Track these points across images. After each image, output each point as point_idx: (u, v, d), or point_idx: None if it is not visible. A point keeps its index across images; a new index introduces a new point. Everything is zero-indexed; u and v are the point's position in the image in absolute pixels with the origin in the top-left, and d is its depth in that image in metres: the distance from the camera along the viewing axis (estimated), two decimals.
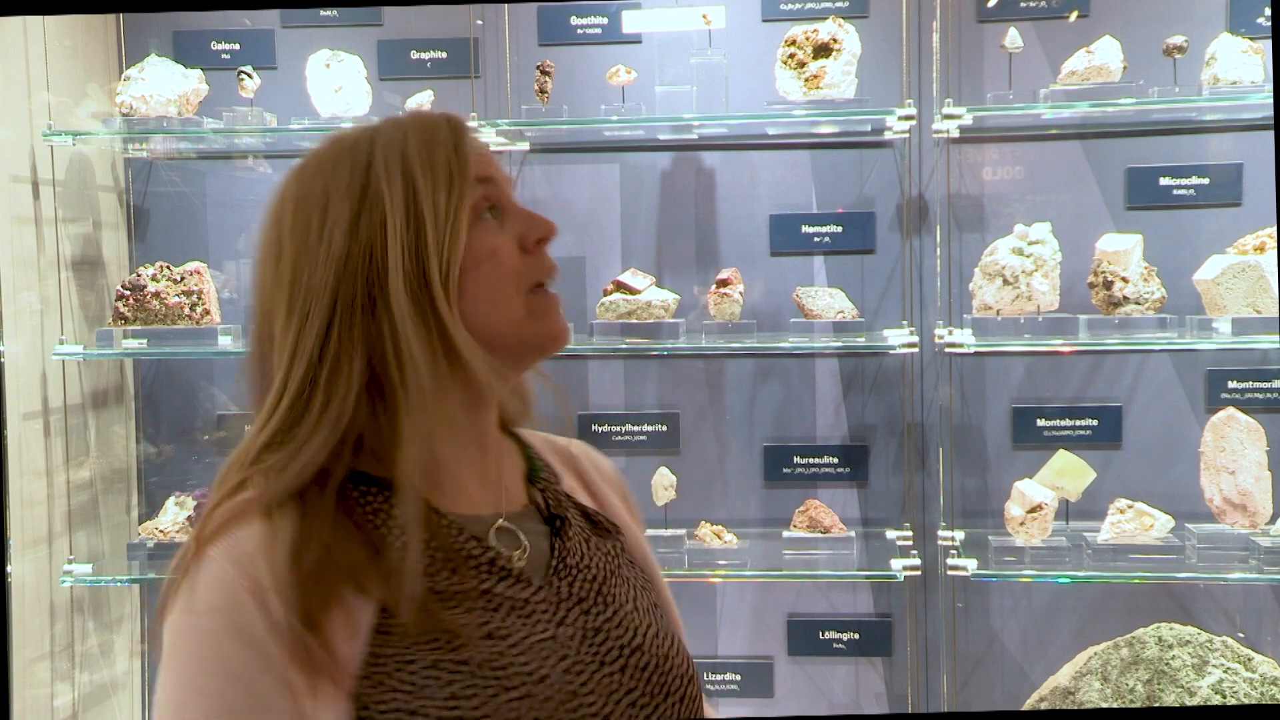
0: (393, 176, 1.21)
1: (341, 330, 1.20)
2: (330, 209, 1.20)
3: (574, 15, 3.52)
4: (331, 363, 1.20)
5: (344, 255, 1.19)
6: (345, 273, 1.19)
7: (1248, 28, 3.30)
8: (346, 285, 1.19)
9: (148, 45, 3.53)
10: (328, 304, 1.19)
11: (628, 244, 3.59)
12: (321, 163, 1.24)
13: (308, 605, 1.13)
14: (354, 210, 1.20)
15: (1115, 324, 3.23)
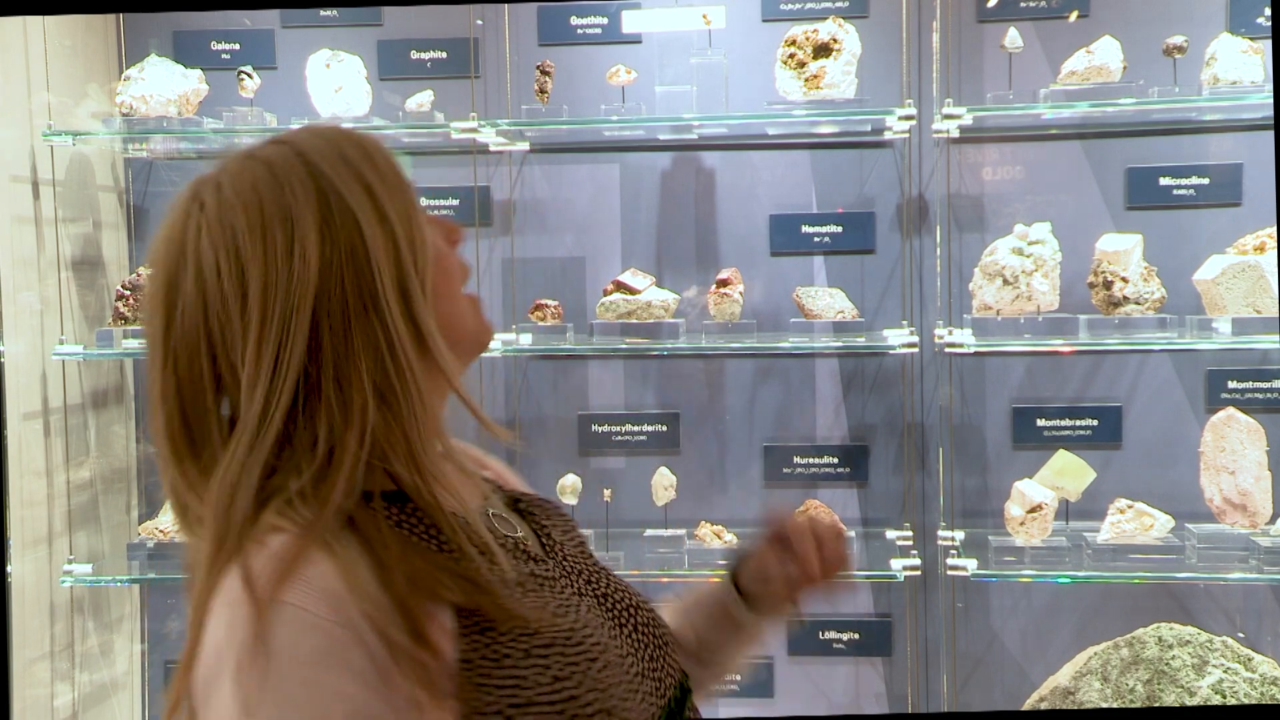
0: (350, 183, 1.19)
1: (335, 342, 1.16)
2: (296, 223, 1.16)
3: (574, 15, 3.52)
4: (334, 376, 1.16)
5: (322, 265, 1.15)
6: (327, 284, 1.15)
7: (1248, 28, 3.30)
8: (332, 296, 1.16)
9: (148, 45, 3.53)
10: (308, 319, 1.15)
11: (628, 244, 3.59)
12: (254, 183, 1.18)
13: (413, 623, 1.10)
14: (320, 220, 1.16)
15: (1115, 324, 3.24)
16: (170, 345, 1.18)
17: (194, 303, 1.16)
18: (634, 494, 3.52)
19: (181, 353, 1.18)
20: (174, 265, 1.17)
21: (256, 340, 1.14)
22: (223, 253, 1.15)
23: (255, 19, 3.59)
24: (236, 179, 1.19)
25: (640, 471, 3.49)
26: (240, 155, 1.22)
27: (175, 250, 1.18)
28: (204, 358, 1.17)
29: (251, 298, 1.15)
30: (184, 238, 1.18)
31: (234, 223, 1.16)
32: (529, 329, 3.43)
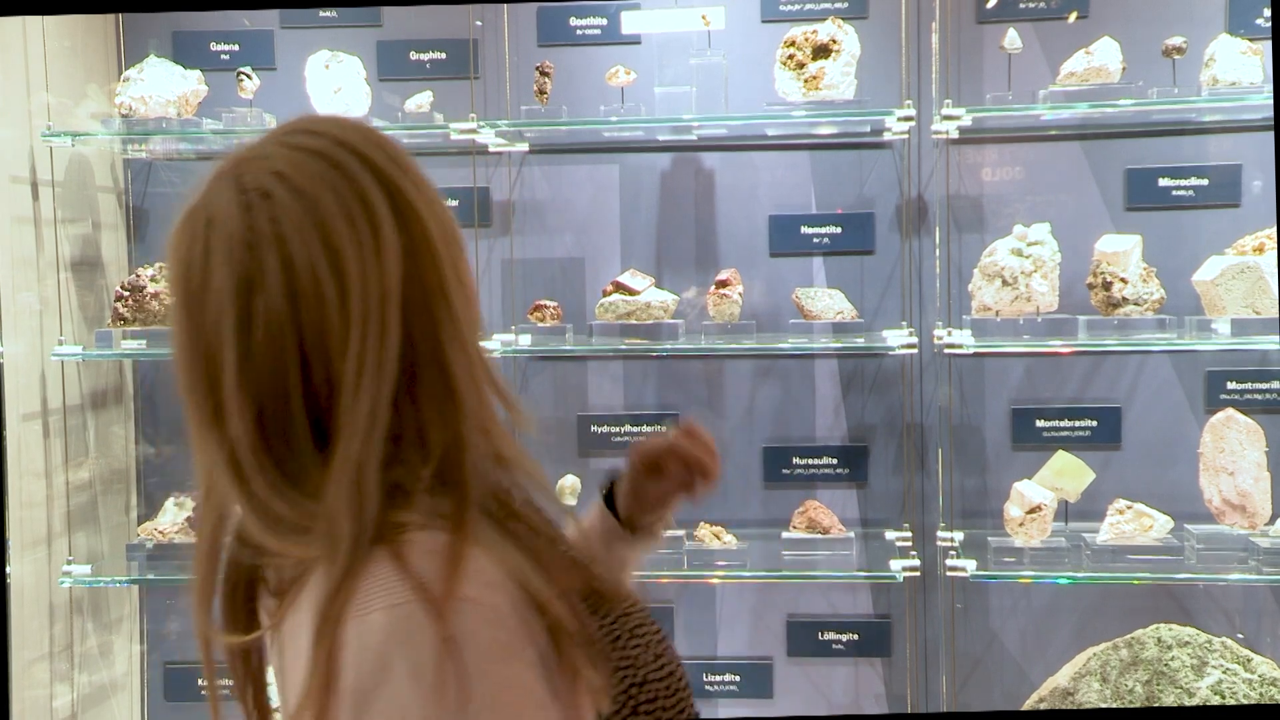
0: (397, 173, 1.17)
1: (425, 331, 1.14)
2: (373, 212, 1.13)
3: (573, 16, 3.52)
4: (435, 364, 1.14)
5: (401, 255, 1.13)
6: (408, 273, 1.13)
7: (1247, 29, 3.30)
8: (412, 285, 1.14)
9: (147, 46, 3.53)
10: (399, 309, 1.12)
11: (627, 245, 3.59)
12: (321, 174, 1.14)
13: (571, 603, 1.12)
14: (389, 209, 1.14)
15: (1114, 325, 3.24)
16: (248, 347, 1.11)
17: (280, 300, 1.11)
18: None
19: (264, 354, 1.11)
20: (247, 262, 1.11)
21: (360, 335, 1.10)
22: (315, 246, 1.11)
23: (254, 20, 3.59)
24: (298, 170, 1.14)
25: None
26: (277, 144, 1.16)
27: (244, 246, 1.12)
28: (293, 357, 1.11)
29: (352, 291, 1.11)
30: (255, 232, 1.12)
31: (319, 215, 1.12)
32: (528, 330, 3.43)
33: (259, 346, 1.11)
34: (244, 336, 1.11)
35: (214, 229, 1.13)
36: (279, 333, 1.11)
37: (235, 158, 1.17)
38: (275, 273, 1.11)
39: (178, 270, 1.15)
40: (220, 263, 1.12)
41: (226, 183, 1.15)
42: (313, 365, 1.12)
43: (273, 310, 1.11)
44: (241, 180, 1.14)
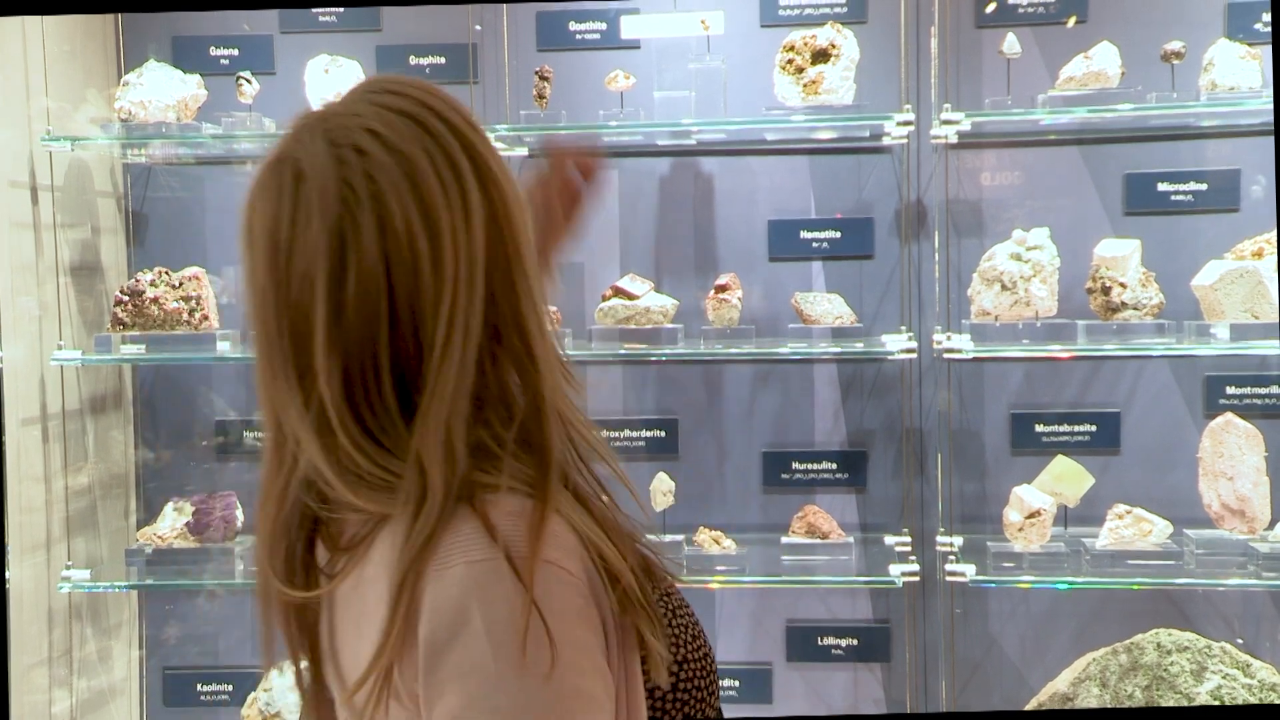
0: (479, 137, 1.19)
1: (506, 294, 1.16)
2: (460, 174, 1.15)
3: (573, 20, 3.53)
4: (515, 326, 1.16)
5: (485, 218, 1.15)
6: (490, 236, 1.15)
7: (1245, 33, 3.30)
8: (494, 248, 1.16)
9: (147, 50, 3.53)
10: (483, 271, 1.14)
11: (626, 249, 3.59)
12: (414, 135, 1.15)
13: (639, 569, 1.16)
14: (473, 171, 1.16)
15: (1113, 329, 3.24)
16: (340, 303, 1.12)
17: (374, 258, 1.12)
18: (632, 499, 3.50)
19: (356, 311, 1.12)
20: (343, 217, 1.12)
21: (451, 296, 1.12)
22: (411, 206, 1.12)
23: (254, 25, 3.59)
24: (391, 129, 1.15)
25: (639, 477, 3.49)
26: (365, 102, 1.18)
27: (339, 201, 1.12)
28: (383, 315, 1.12)
29: (445, 250, 1.12)
30: (350, 188, 1.13)
31: (415, 175, 1.13)
32: None
33: (351, 303, 1.12)
34: (336, 292, 1.12)
35: (305, 182, 1.14)
36: (372, 290, 1.12)
37: (320, 113, 1.19)
38: (371, 230, 1.12)
39: (265, 222, 1.15)
40: (316, 214, 1.12)
41: (315, 136, 1.16)
42: (401, 323, 1.13)
43: (366, 267, 1.11)
44: (333, 135, 1.15)
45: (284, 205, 1.14)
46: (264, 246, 1.15)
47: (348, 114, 1.16)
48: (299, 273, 1.13)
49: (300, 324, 1.13)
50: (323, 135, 1.15)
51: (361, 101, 1.18)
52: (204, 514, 3.41)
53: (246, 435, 3.61)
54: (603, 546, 1.14)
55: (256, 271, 1.16)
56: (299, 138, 1.17)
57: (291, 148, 1.16)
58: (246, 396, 3.64)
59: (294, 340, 1.13)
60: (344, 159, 1.13)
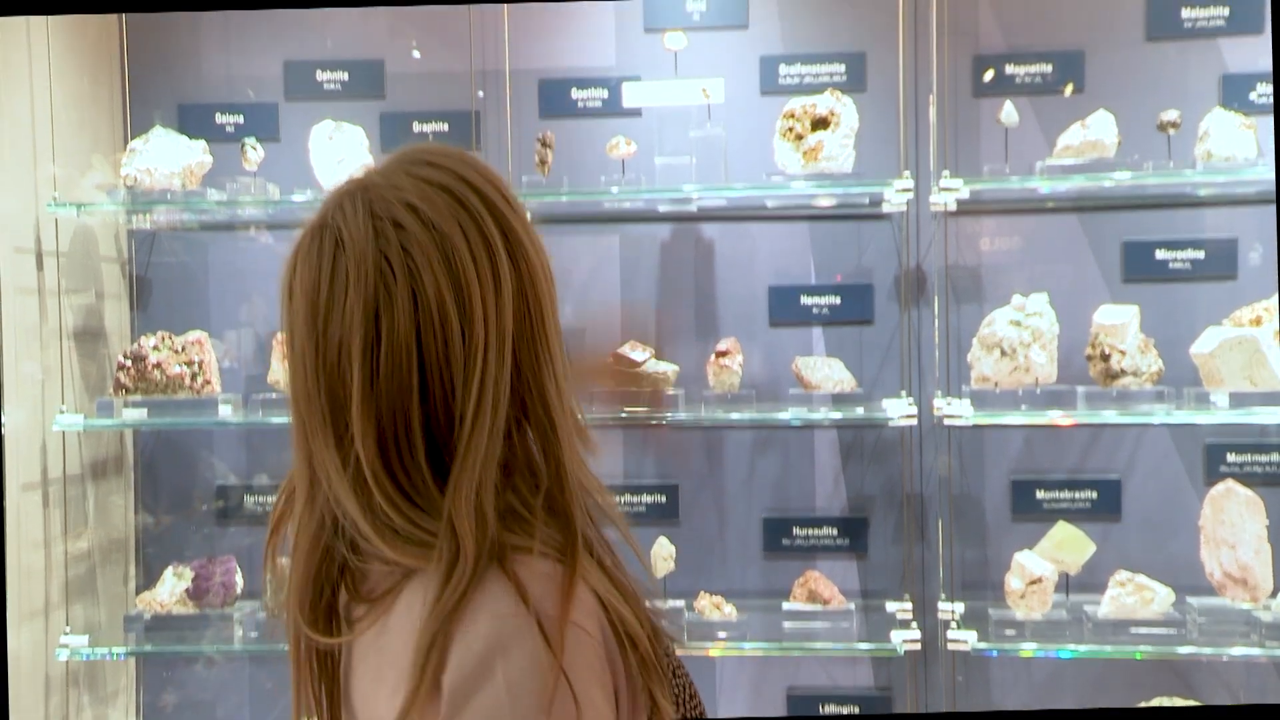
0: (513, 213, 1.24)
1: (531, 367, 1.21)
2: (494, 250, 1.20)
3: (575, 88, 3.56)
4: (539, 398, 1.22)
5: (514, 292, 1.21)
6: (518, 310, 1.21)
7: (1241, 103, 3.33)
8: (522, 322, 1.21)
9: (153, 117, 3.57)
10: (511, 345, 1.20)
11: (627, 314, 3.60)
12: (449, 209, 1.21)
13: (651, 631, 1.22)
14: (505, 247, 1.21)
15: (1113, 396, 3.25)
16: (375, 369, 1.18)
17: (407, 327, 1.17)
18: (632, 565, 3.50)
19: (389, 376, 1.18)
20: (379, 287, 1.18)
21: (481, 368, 1.18)
22: (444, 279, 1.18)
23: (259, 92, 3.63)
24: (428, 203, 1.20)
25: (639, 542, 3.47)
26: (405, 175, 1.23)
27: (376, 271, 1.18)
28: (415, 382, 1.18)
29: (477, 324, 1.18)
30: (388, 260, 1.18)
31: (449, 250, 1.19)
32: None
33: (384, 371, 1.18)
34: (371, 358, 1.18)
35: (345, 251, 1.20)
36: (404, 360, 1.18)
37: (363, 182, 1.24)
38: (405, 302, 1.18)
39: (305, 286, 1.22)
40: (353, 283, 1.18)
41: (357, 207, 1.21)
42: (433, 392, 1.19)
43: (399, 338, 1.18)
44: (374, 207, 1.21)
45: (324, 271, 1.20)
46: (303, 309, 1.21)
47: (388, 185, 1.23)
48: (336, 338, 1.19)
49: (337, 387, 1.19)
50: (364, 206, 1.21)
51: (400, 173, 1.24)
52: (204, 579, 3.41)
53: (248, 500, 3.61)
54: (622, 610, 1.20)
55: (296, 332, 1.23)
56: (341, 206, 1.23)
57: (334, 215, 1.23)
58: (248, 460, 3.64)
59: (331, 401, 1.20)
60: (382, 232, 1.19)
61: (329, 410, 1.20)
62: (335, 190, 1.26)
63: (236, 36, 3.66)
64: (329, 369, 1.19)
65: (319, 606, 1.27)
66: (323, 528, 1.24)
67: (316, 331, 1.20)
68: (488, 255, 1.20)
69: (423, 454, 1.19)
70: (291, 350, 1.23)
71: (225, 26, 3.67)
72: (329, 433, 1.20)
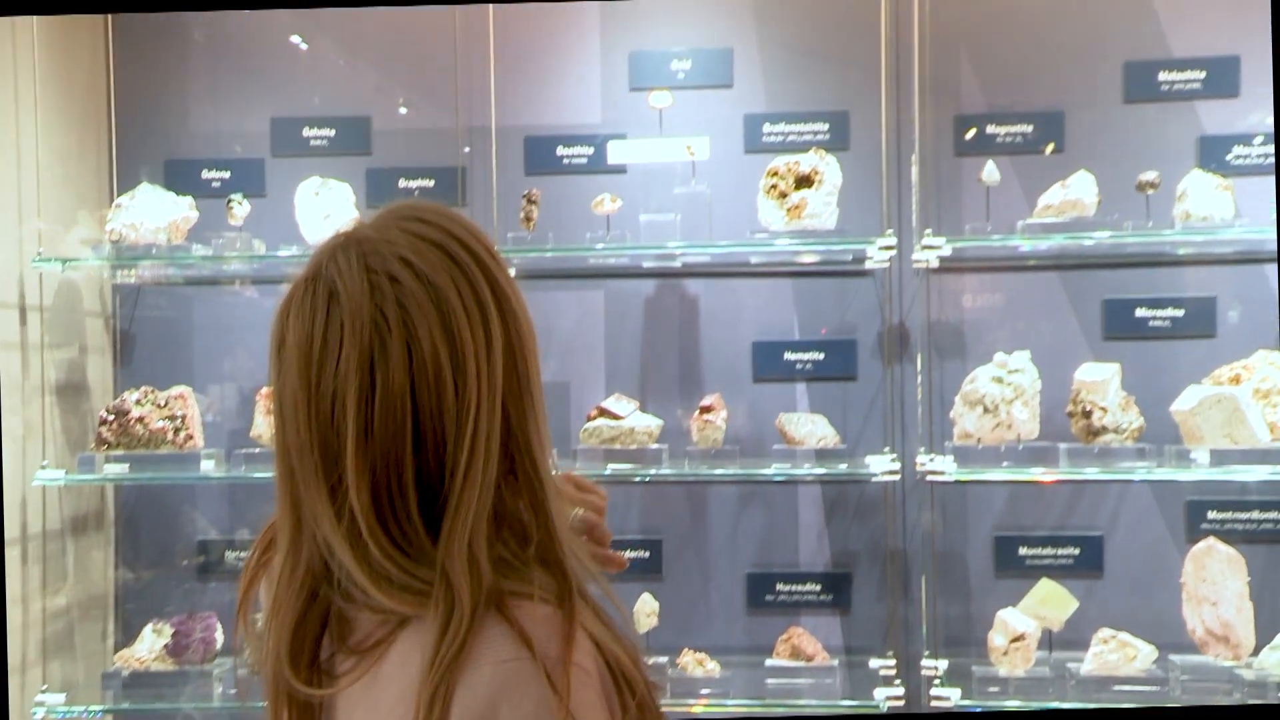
0: (502, 271, 1.26)
1: (519, 421, 1.23)
2: (484, 307, 1.22)
3: (560, 145, 3.59)
4: (526, 452, 1.23)
5: (504, 349, 1.22)
6: (508, 367, 1.23)
7: (1218, 164, 3.38)
8: (510, 378, 1.23)
9: (139, 173, 3.58)
10: (500, 400, 1.22)
11: (612, 369, 3.61)
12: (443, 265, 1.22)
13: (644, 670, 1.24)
14: (497, 305, 1.23)
15: (1095, 453, 3.26)
16: (369, 421, 1.18)
17: (402, 378, 1.18)
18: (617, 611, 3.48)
19: (383, 429, 1.19)
20: (370, 339, 1.19)
21: (474, 418, 1.19)
22: (438, 332, 1.19)
23: (246, 148, 3.64)
24: (422, 258, 1.22)
25: (622, 598, 3.45)
26: (395, 228, 1.24)
27: (371, 325, 1.19)
28: (408, 433, 1.19)
29: (469, 377, 1.19)
30: (383, 314, 1.19)
31: (443, 304, 1.20)
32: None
33: (377, 423, 1.18)
34: (366, 410, 1.19)
35: (339, 303, 1.21)
36: (398, 412, 1.19)
37: (355, 235, 1.25)
38: (400, 354, 1.19)
39: (298, 338, 1.22)
40: (348, 336, 1.19)
41: (351, 260, 1.22)
42: (426, 445, 1.20)
43: (394, 388, 1.18)
44: (368, 260, 1.22)
45: (317, 323, 1.21)
46: (296, 360, 1.22)
47: (381, 239, 1.23)
48: (330, 390, 1.20)
49: (331, 438, 1.20)
50: (358, 259, 1.22)
51: (393, 228, 1.25)
52: (183, 635, 3.38)
53: (229, 555, 3.59)
54: (619, 653, 1.21)
55: (288, 383, 1.23)
56: (335, 258, 1.23)
57: (328, 267, 1.23)
58: (230, 515, 3.63)
59: (324, 452, 1.20)
60: (378, 285, 1.20)
61: (322, 461, 1.20)
62: (326, 243, 1.26)
63: (224, 93, 3.68)
64: (322, 420, 1.20)
65: (302, 658, 1.26)
66: (309, 576, 1.24)
67: (310, 383, 1.20)
68: (480, 310, 1.21)
69: (415, 504, 1.19)
70: (281, 401, 1.23)
71: (213, 83, 3.69)
72: (321, 484, 1.20)
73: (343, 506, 1.19)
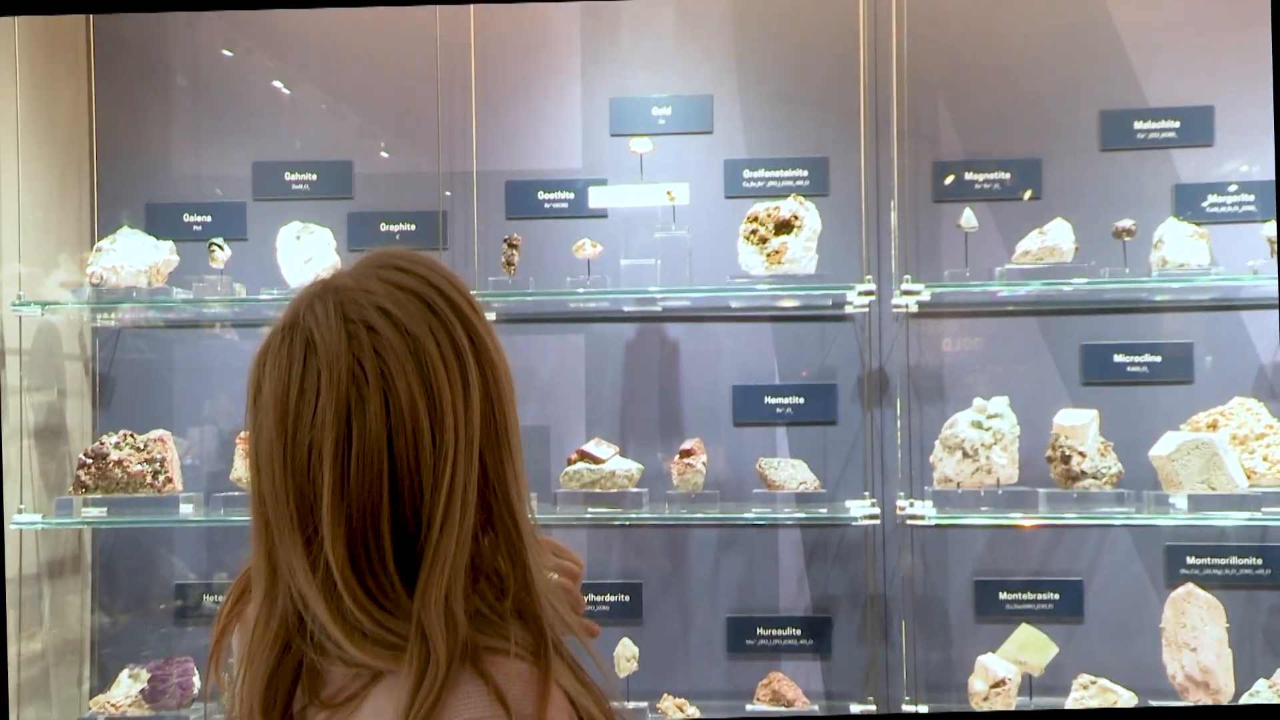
0: (483, 323, 1.25)
1: (496, 473, 1.23)
2: (462, 357, 1.21)
3: (541, 190, 3.61)
4: (504, 504, 1.23)
5: (482, 400, 1.21)
6: (486, 418, 1.22)
7: (1194, 212, 3.41)
8: (488, 430, 1.22)
9: (120, 217, 3.58)
10: (478, 451, 1.20)
11: (592, 413, 3.62)
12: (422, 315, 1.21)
13: None
14: (474, 356, 1.22)
15: (1074, 498, 3.27)
16: (346, 471, 1.17)
17: (379, 429, 1.17)
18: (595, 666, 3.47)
19: (359, 479, 1.17)
20: (347, 389, 1.17)
21: (450, 472, 1.18)
22: (416, 383, 1.18)
23: (227, 191, 3.65)
24: (400, 308, 1.20)
25: (602, 642, 3.44)
26: (374, 278, 1.23)
27: (349, 374, 1.18)
28: (385, 484, 1.18)
29: (447, 429, 1.18)
30: (359, 362, 1.18)
31: (421, 354, 1.19)
32: None
33: (355, 472, 1.17)
34: (342, 461, 1.17)
35: (317, 353, 1.20)
36: (374, 463, 1.17)
37: (333, 284, 1.24)
38: (377, 404, 1.18)
39: (274, 387, 1.21)
40: (325, 386, 1.18)
41: (329, 308, 1.21)
42: (403, 496, 1.18)
43: (370, 439, 1.17)
44: (346, 309, 1.21)
45: (294, 373, 1.20)
46: (272, 409, 1.20)
47: (359, 288, 1.22)
48: (306, 440, 1.18)
49: (306, 489, 1.18)
50: (336, 308, 1.21)
51: (371, 277, 1.24)
52: (160, 680, 3.36)
53: (206, 599, 3.57)
54: (593, 710, 1.21)
55: (263, 431, 1.21)
56: (312, 307, 1.22)
57: (305, 316, 1.22)
58: (208, 559, 3.61)
59: (299, 502, 1.19)
60: (355, 335, 1.19)
61: (297, 511, 1.19)
62: (304, 291, 1.25)
63: (206, 137, 3.69)
64: (298, 470, 1.19)
65: (275, 710, 1.24)
66: (283, 627, 1.22)
67: (286, 432, 1.19)
68: (457, 361, 1.20)
69: (391, 556, 1.18)
70: (257, 449, 1.22)
71: (195, 127, 3.70)
72: (297, 535, 1.19)
73: (318, 558, 1.18)
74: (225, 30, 3.69)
